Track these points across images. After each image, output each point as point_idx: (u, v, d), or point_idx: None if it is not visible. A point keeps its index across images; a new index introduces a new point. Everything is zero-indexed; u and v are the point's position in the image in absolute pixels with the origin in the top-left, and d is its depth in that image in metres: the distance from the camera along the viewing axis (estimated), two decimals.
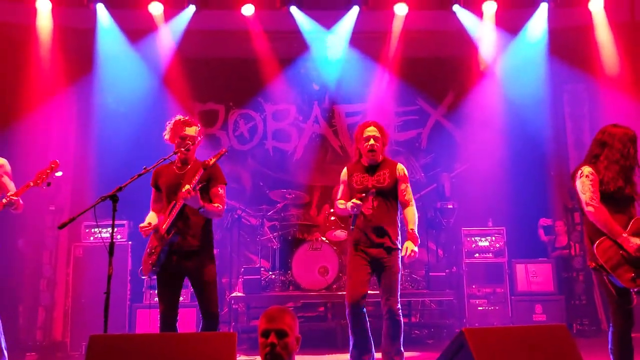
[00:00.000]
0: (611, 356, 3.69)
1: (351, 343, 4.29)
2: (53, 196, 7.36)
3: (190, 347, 3.10)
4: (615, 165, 3.68)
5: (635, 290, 3.55)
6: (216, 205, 4.03)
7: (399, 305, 4.34)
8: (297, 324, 2.54)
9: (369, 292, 4.37)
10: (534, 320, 6.76)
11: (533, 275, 7.05)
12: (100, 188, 6.72)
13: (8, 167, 4.45)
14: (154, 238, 4.00)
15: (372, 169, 4.48)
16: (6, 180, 4.40)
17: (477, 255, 7.20)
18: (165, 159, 3.96)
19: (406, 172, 4.55)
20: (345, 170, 4.65)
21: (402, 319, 4.34)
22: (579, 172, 3.79)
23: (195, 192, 3.86)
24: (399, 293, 4.36)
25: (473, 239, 7.25)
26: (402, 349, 4.33)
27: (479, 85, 8.23)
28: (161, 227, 3.93)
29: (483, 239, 7.24)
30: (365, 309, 4.32)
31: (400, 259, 4.41)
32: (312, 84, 8.75)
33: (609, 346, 3.69)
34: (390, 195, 4.43)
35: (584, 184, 3.71)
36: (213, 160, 3.95)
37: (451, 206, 7.48)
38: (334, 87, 8.62)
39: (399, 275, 4.40)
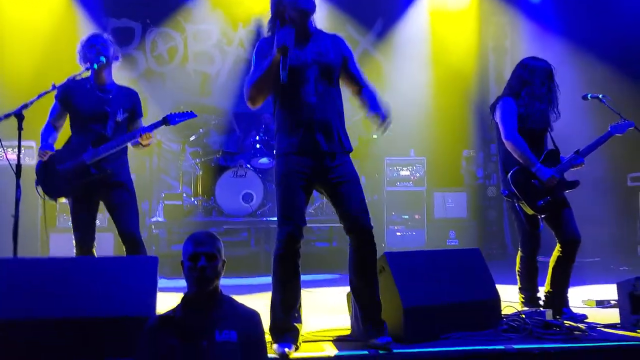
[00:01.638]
0: (518, 278, 3.97)
1: (277, 297, 3.12)
2: None
3: (108, 271, 3.04)
4: (534, 100, 3.81)
5: (543, 216, 3.79)
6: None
7: None
8: (223, 248, 2.51)
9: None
10: (448, 245, 7.14)
11: (450, 203, 7.38)
12: (4, 109, 6.24)
13: None
14: (60, 160, 3.74)
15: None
16: None
17: (397, 183, 7.42)
18: (75, 76, 3.65)
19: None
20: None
21: None
22: (499, 103, 3.90)
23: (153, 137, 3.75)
24: None
25: (395, 168, 7.44)
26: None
27: (407, 14, 8.20)
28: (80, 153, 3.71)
29: (404, 168, 7.45)
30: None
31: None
32: (236, 4, 8.35)
33: (517, 268, 3.96)
34: (334, 78, 3.24)
35: (504, 115, 3.83)
36: (177, 121, 3.85)
37: (375, 136, 7.57)
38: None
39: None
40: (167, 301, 3.01)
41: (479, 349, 2.98)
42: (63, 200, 3.89)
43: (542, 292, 3.90)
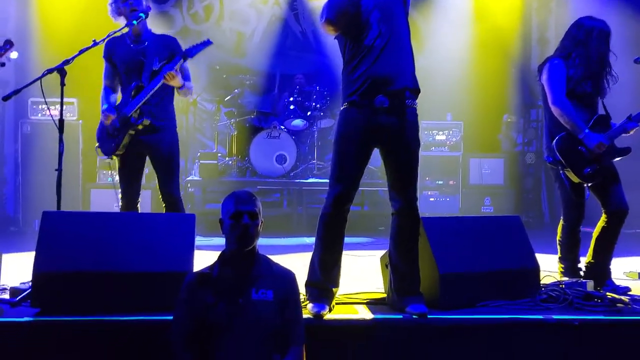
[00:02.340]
0: (558, 247, 3.87)
1: (318, 257, 3.09)
2: None
3: (148, 227, 3.08)
4: (586, 62, 3.63)
5: (589, 185, 3.66)
6: (188, 82, 3.91)
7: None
8: (262, 209, 2.51)
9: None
10: (482, 212, 7.05)
11: (486, 169, 7.24)
12: (45, 65, 6.32)
13: None
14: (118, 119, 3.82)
15: None
16: None
17: (433, 148, 7.30)
18: (115, 32, 3.66)
19: None
20: None
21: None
22: (547, 65, 3.73)
23: (177, 73, 3.68)
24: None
25: (431, 132, 7.32)
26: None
27: None
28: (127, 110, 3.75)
29: (440, 132, 7.32)
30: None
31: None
32: None
33: (558, 238, 3.86)
34: (400, 12, 3.07)
35: (552, 78, 3.67)
36: (195, 52, 3.75)
37: None
38: None
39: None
40: (201, 258, 3.04)
41: (517, 318, 2.95)
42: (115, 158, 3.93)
43: (583, 262, 3.81)
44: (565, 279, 3.65)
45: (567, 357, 2.92)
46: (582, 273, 3.76)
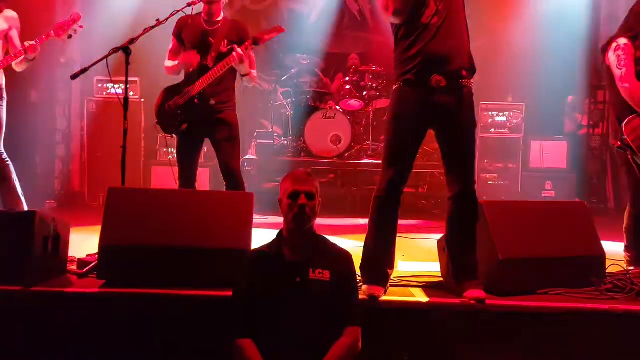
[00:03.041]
0: (625, 234, 3.70)
1: (372, 239, 3.08)
2: (62, 49, 7.15)
3: (209, 204, 3.15)
4: None
5: None
6: (253, 71, 3.97)
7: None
8: (319, 189, 2.51)
9: None
10: (543, 197, 6.83)
11: (547, 152, 7.00)
12: (111, 44, 6.50)
13: (18, 22, 4.26)
14: (171, 96, 3.91)
15: None
16: (14, 34, 4.21)
17: (492, 130, 7.11)
18: (178, 11, 3.72)
19: None
20: None
21: None
22: (614, 44, 3.53)
23: (245, 58, 3.74)
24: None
25: (490, 113, 7.12)
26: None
27: None
28: (193, 89, 3.83)
29: (501, 114, 7.11)
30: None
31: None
32: None
33: (624, 225, 3.69)
34: None
35: (620, 58, 3.47)
36: (266, 37, 3.80)
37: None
38: None
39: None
40: (256, 236, 3.09)
41: (579, 307, 2.86)
42: (174, 135, 4.03)
43: None
44: (632, 268, 3.50)
45: (632, 350, 2.81)
46: None
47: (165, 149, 6.75)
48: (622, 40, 3.49)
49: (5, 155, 4.25)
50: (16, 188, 4.24)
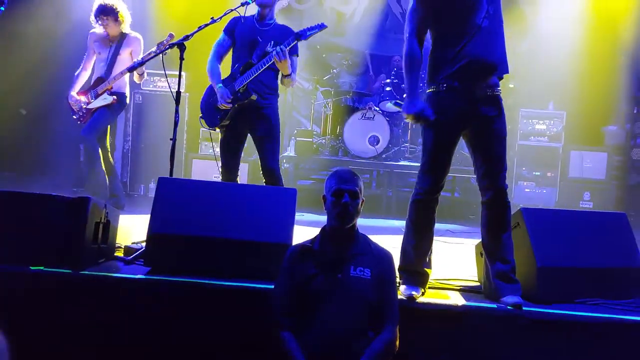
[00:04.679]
0: None
1: (411, 240, 3.12)
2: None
3: (253, 198, 3.23)
4: None
5: None
6: (293, 74, 4.04)
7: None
8: (363, 188, 2.57)
9: None
10: (581, 207, 6.76)
11: (587, 162, 6.92)
12: (159, 37, 6.69)
13: (141, 45, 5.02)
14: (214, 93, 4.02)
15: None
16: (137, 54, 4.99)
17: (531, 137, 7.06)
18: (232, 10, 3.85)
19: None
20: None
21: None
22: None
23: (288, 57, 3.81)
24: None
25: (530, 121, 7.08)
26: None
27: None
28: (236, 84, 3.94)
29: (541, 122, 7.07)
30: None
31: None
32: None
33: None
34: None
35: None
36: (309, 33, 3.88)
37: (512, 85, 7.20)
38: None
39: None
40: (295, 232, 3.16)
41: (617, 318, 2.86)
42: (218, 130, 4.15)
43: None
44: None
45: None
46: None
47: (206, 143, 6.91)
48: None
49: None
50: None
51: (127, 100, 5.31)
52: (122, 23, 5.07)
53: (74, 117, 5.12)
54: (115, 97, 5.06)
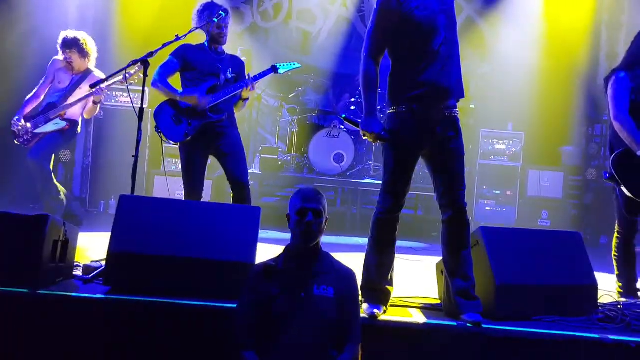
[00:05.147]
0: (614, 263, 3.82)
1: (373, 258, 3.16)
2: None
3: (217, 216, 3.22)
4: None
5: None
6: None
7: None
8: (327, 206, 2.59)
9: None
10: (539, 225, 6.94)
11: (545, 181, 7.13)
12: (122, 53, 6.67)
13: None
14: (185, 109, 4.02)
15: None
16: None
17: (492, 157, 7.24)
18: (197, 28, 3.93)
19: None
20: None
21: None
22: (612, 79, 3.68)
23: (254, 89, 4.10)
24: None
25: (490, 141, 7.26)
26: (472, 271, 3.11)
27: None
28: (198, 101, 3.99)
29: (500, 142, 7.26)
30: None
31: None
32: None
33: (613, 253, 3.81)
34: (456, 23, 3.15)
35: (615, 93, 3.62)
36: (283, 72, 4.28)
37: (473, 106, 7.39)
38: None
39: None
40: (259, 250, 3.16)
41: (572, 335, 2.93)
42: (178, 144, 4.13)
43: None
44: (623, 299, 3.59)
45: None
46: None
47: (169, 159, 6.83)
48: (620, 74, 3.64)
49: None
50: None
51: (79, 130, 5.21)
52: (88, 58, 5.02)
53: (17, 141, 4.97)
54: (68, 123, 4.97)
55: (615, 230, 3.83)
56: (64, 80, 5.01)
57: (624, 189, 3.56)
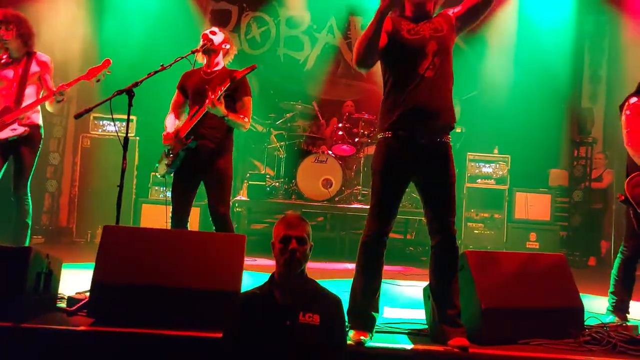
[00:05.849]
0: (614, 280, 3.85)
1: (359, 284, 3.15)
2: (60, 85, 7.28)
3: (202, 245, 3.21)
4: None
5: None
6: (241, 116, 3.99)
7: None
8: (311, 232, 2.58)
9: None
10: (527, 248, 6.97)
11: (532, 204, 7.18)
12: (108, 82, 6.65)
13: (51, 65, 4.41)
14: (173, 139, 4.02)
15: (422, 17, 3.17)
16: (47, 77, 4.39)
17: (479, 180, 7.29)
18: (182, 57, 3.88)
19: None
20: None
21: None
22: (627, 103, 3.73)
23: (220, 102, 3.80)
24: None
25: (477, 164, 7.33)
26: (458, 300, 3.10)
27: (500, 7, 7.95)
28: (182, 131, 3.95)
29: (487, 165, 7.32)
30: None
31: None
32: None
33: (613, 271, 3.85)
34: (450, 52, 3.15)
35: (628, 118, 3.67)
36: (241, 73, 3.89)
37: (459, 130, 7.46)
38: None
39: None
40: (244, 279, 3.14)
41: (559, 358, 2.92)
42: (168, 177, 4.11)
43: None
44: (609, 321, 3.59)
45: None
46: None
47: (157, 188, 6.84)
48: (633, 100, 3.70)
49: (27, 196, 4.36)
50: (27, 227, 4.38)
51: (43, 133, 4.42)
52: (26, 37, 4.26)
53: None
54: (27, 128, 4.25)
55: (620, 250, 3.85)
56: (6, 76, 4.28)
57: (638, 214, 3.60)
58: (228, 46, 4.15)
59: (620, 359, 2.96)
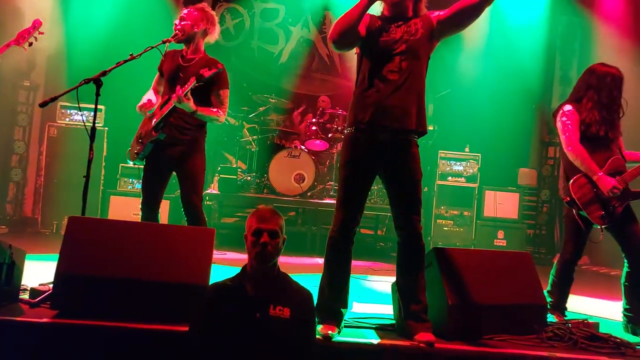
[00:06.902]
0: (552, 280, 3.90)
1: (327, 279, 3.18)
2: (27, 72, 7.12)
3: (169, 238, 3.17)
4: (599, 107, 3.70)
5: (604, 227, 3.70)
6: (214, 110, 3.89)
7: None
8: (284, 226, 2.57)
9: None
10: (495, 245, 7.08)
11: (500, 202, 7.29)
12: (76, 70, 6.53)
13: None
14: (144, 125, 3.94)
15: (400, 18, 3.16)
16: None
17: (449, 178, 7.37)
18: (152, 47, 3.78)
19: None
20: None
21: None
22: (561, 110, 3.81)
23: (188, 99, 3.70)
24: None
25: (448, 162, 7.40)
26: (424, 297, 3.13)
27: None
28: (155, 116, 3.86)
29: (458, 163, 7.40)
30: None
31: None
32: None
33: (552, 271, 3.90)
34: (422, 56, 3.13)
35: (564, 124, 3.75)
36: (209, 73, 3.71)
37: (431, 128, 7.52)
38: None
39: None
40: (213, 272, 3.11)
41: (522, 354, 2.98)
42: (139, 164, 4.03)
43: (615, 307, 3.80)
44: (551, 317, 3.66)
45: None
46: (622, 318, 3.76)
47: (125, 179, 6.73)
48: (567, 107, 3.78)
49: None
50: None
51: None
52: None
53: None
54: None
55: (561, 252, 3.89)
56: None
57: (585, 214, 3.67)
58: (204, 27, 3.96)
59: (581, 355, 3.03)
